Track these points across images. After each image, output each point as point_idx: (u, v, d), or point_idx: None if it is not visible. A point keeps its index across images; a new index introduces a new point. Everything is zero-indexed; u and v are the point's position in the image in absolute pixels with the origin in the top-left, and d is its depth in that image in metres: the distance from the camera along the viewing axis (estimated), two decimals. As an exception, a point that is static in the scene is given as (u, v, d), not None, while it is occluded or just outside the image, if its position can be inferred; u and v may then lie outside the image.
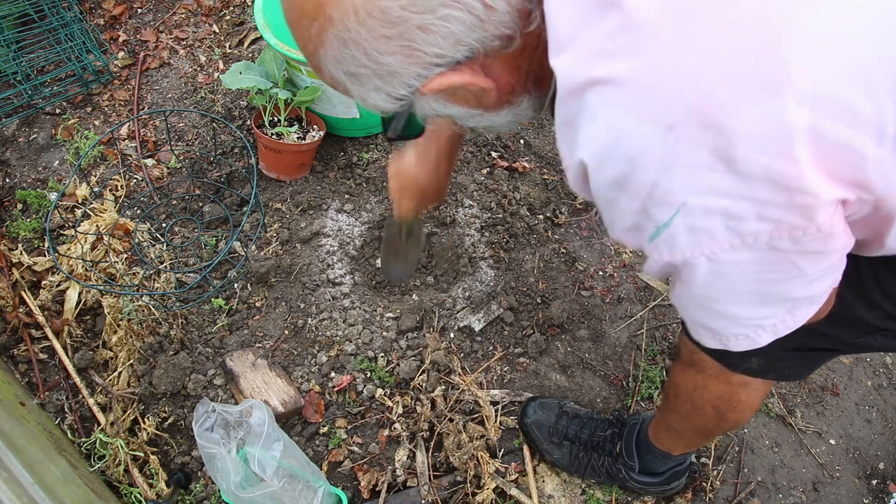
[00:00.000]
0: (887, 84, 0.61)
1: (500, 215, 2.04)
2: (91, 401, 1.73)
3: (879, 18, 0.61)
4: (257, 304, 1.85)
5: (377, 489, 1.60)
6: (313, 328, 1.81)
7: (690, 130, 0.61)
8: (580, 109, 0.67)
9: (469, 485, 1.59)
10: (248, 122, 2.24)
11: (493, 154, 2.22)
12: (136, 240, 1.94)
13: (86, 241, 1.90)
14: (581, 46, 0.64)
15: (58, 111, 2.35)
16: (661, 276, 0.78)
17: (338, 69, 0.72)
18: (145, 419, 1.68)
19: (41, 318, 1.84)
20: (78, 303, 1.87)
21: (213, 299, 1.82)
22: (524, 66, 0.76)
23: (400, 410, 1.69)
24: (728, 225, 0.65)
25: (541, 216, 2.07)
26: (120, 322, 1.78)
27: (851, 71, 0.60)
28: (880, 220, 0.73)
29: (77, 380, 1.76)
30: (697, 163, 0.62)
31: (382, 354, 1.77)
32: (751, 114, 0.60)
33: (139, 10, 2.69)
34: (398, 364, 1.75)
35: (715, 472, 1.68)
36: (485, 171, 2.16)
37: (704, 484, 1.66)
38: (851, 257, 0.93)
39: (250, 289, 1.87)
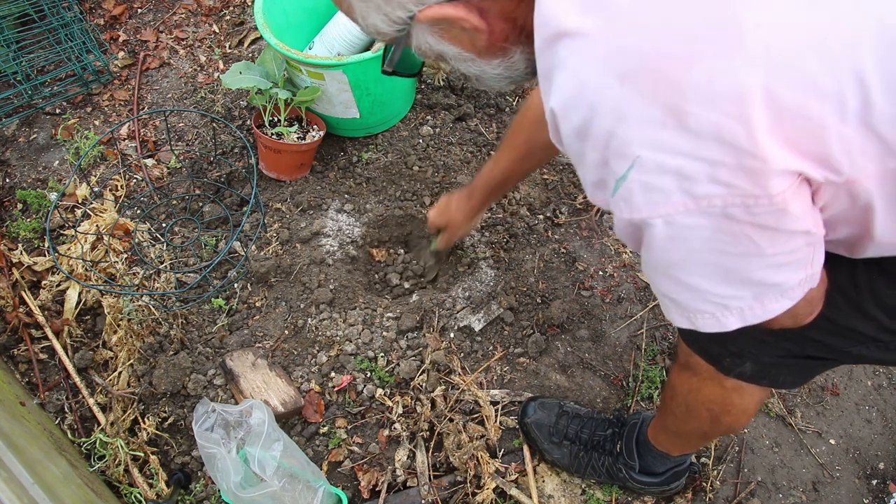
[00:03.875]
0: (845, 58, 0.61)
1: (500, 215, 2.04)
2: (91, 401, 1.74)
3: None
4: (257, 304, 1.85)
5: (377, 489, 1.60)
6: (313, 328, 1.81)
7: (643, 82, 0.64)
8: (554, 61, 0.71)
9: (469, 485, 1.59)
10: (248, 122, 2.24)
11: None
12: (136, 240, 1.94)
13: (86, 241, 1.90)
14: (558, 1, 0.69)
15: (58, 111, 2.35)
16: (628, 239, 0.78)
17: None
18: (145, 419, 1.68)
19: (41, 318, 1.84)
20: (78, 303, 1.87)
21: (213, 299, 1.82)
22: (519, 19, 0.80)
23: (400, 410, 1.69)
24: (682, 186, 0.66)
25: (541, 216, 2.07)
26: (120, 322, 1.78)
27: (808, 38, 0.61)
28: (861, 212, 0.73)
29: (77, 380, 1.76)
30: (650, 117, 0.64)
31: (382, 354, 1.77)
32: (701, 70, 0.61)
33: (139, 10, 2.69)
34: (398, 364, 1.75)
35: (715, 472, 1.68)
36: (485, 171, 2.16)
37: (704, 484, 1.66)
38: (848, 266, 0.90)
39: (250, 289, 1.87)
